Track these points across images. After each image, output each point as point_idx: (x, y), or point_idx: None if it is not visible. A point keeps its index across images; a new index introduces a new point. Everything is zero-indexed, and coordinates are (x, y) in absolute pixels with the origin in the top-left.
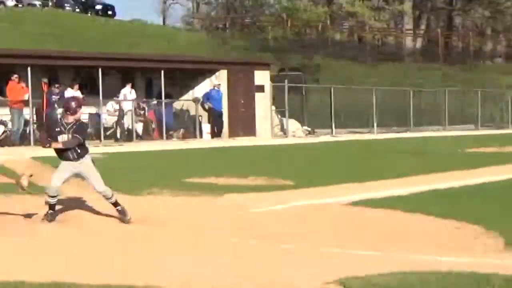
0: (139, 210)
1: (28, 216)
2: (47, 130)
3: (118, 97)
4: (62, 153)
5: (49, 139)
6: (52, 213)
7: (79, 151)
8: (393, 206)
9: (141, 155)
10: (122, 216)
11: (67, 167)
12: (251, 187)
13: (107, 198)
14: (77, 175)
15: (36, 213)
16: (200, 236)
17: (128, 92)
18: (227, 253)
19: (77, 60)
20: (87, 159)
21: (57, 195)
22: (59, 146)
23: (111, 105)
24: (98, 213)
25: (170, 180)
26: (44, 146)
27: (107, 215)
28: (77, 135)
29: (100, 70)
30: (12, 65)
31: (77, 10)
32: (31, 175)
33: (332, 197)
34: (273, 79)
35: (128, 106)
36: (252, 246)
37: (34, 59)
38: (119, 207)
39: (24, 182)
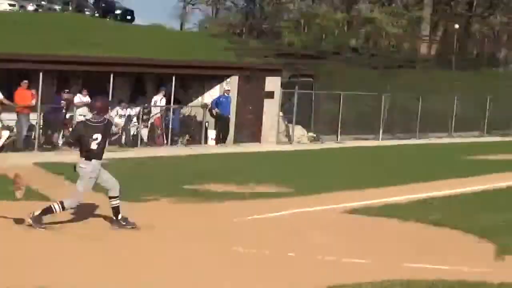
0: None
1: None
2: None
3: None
4: None
5: None
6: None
7: None
8: (390, 214)
9: (143, 161)
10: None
11: None
12: (250, 194)
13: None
14: None
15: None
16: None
17: (159, 100)
18: (217, 262)
19: (89, 65)
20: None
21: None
22: None
23: (116, 111)
24: None
25: (169, 187)
26: None
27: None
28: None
29: (112, 75)
30: (24, 70)
31: (97, 14)
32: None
33: (330, 205)
34: (284, 85)
35: (155, 111)
36: (238, 254)
37: (45, 64)
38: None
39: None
